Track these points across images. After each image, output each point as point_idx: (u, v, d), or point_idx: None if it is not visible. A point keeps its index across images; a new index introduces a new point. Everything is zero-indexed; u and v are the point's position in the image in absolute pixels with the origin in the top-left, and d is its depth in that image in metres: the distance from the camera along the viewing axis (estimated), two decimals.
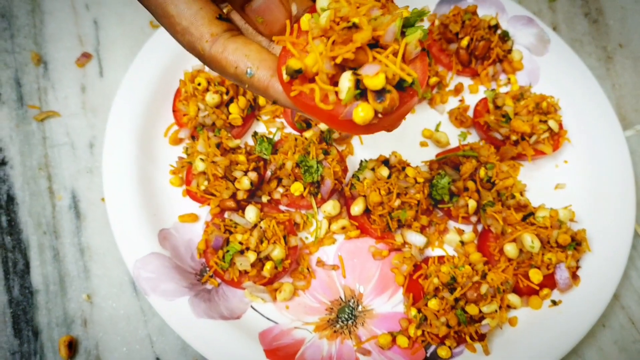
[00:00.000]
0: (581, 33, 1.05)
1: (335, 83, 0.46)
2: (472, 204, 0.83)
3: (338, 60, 0.45)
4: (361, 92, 0.45)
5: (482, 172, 0.83)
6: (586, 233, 0.82)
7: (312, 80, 0.46)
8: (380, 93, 0.45)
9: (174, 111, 0.89)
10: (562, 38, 1.00)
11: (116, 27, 0.98)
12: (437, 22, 0.98)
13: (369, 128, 0.47)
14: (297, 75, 0.46)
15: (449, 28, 0.95)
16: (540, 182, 0.90)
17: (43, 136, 0.89)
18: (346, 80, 0.45)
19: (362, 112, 0.45)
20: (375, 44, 0.47)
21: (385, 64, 0.45)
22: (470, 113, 0.94)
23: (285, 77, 0.46)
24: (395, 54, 0.46)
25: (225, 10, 0.53)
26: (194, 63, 0.89)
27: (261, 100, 0.91)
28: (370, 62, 0.46)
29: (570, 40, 1.04)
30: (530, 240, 0.78)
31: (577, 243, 0.80)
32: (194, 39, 0.50)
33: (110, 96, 0.90)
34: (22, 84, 0.92)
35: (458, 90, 0.96)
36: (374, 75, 0.44)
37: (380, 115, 0.46)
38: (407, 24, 0.47)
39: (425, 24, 1.00)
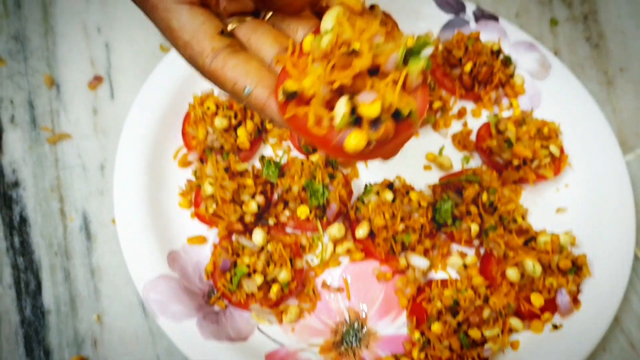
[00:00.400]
0: (582, 57, 1.07)
1: (332, 108, 0.46)
2: (474, 227, 0.84)
3: (335, 86, 0.45)
4: (356, 119, 0.45)
5: (484, 196, 0.84)
6: (587, 258, 0.83)
7: (309, 103, 0.46)
8: (375, 122, 0.45)
9: (183, 134, 0.91)
10: (564, 62, 1.02)
11: (127, 50, 1.00)
12: (440, 47, 1.00)
13: (362, 156, 0.46)
14: (293, 97, 0.46)
15: (452, 53, 0.97)
16: (542, 206, 0.91)
17: (55, 158, 0.91)
18: (342, 106, 0.44)
19: (354, 140, 0.44)
20: (376, 71, 0.46)
21: (383, 93, 0.45)
22: (473, 137, 0.96)
23: (280, 97, 0.46)
24: (395, 82, 0.46)
25: (229, 26, 0.53)
26: (204, 87, 0.91)
27: (268, 124, 0.93)
28: (368, 89, 0.45)
29: (572, 64, 1.06)
30: (531, 265, 0.79)
31: (577, 268, 0.82)
32: (195, 54, 0.50)
33: (121, 118, 0.92)
34: (35, 106, 0.94)
35: (461, 114, 0.97)
36: (370, 103, 0.44)
37: (373, 144, 0.45)
38: (411, 53, 0.47)
39: (430, 49, 1.02)
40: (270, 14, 0.54)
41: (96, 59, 0.99)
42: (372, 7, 0.98)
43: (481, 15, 1.02)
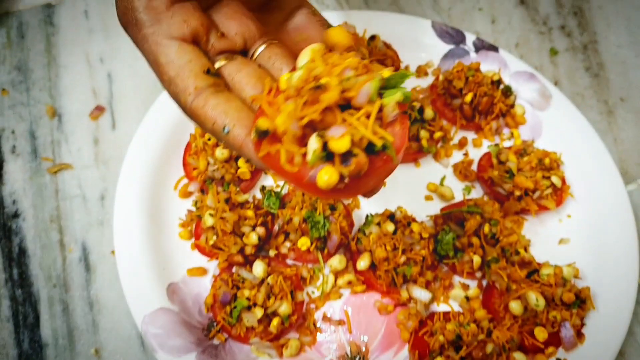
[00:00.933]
0: (582, 87, 1.07)
1: (306, 144, 0.45)
2: (476, 259, 0.84)
3: (304, 121, 0.44)
4: (328, 155, 0.44)
5: (486, 228, 0.84)
6: (590, 291, 0.82)
7: (282, 141, 0.45)
8: (346, 156, 0.43)
9: (184, 165, 0.91)
10: (564, 92, 1.02)
11: (129, 81, 1.01)
12: (441, 77, 1.00)
13: (336, 193, 0.45)
14: (265, 135, 0.45)
15: (452, 84, 0.97)
16: (544, 237, 0.91)
17: (55, 188, 0.91)
18: (313, 142, 0.44)
19: (325, 176, 0.43)
20: (348, 105, 0.45)
21: (354, 126, 0.44)
22: (474, 167, 0.96)
23: (253, 136, 0.46)
24: (368, 116, 0.45)
25: (217, 64, 0.53)
26: None
27: None
28: (339, 123, 0.44)
29: (572, 94, 1.06)
30: (535, 299, 0.78)
31: (581, 301, 0.81)
32: (179, 91, 0.50)
33: (122, 148, 0.92)
34: (36, 136, 0.95)
35: (462, 144, 0.97)
36: (339, 138, 0.43)
37: (346, 180, 0.44)
38: (388, 86, 0.46)
39: (430, 79, 1.03)
40: (259, 51, 0.55)
41: (98, 89, 0.99)
42: (373, 38, 0.99)
43: (481, 46, 1.03)
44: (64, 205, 0.90)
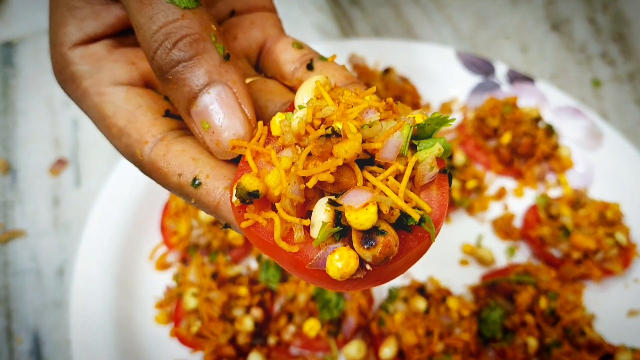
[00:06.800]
0: (633, 122, 0.92)
1: (308, 213, 0.33)
2: (532, 342, 0.67)
3: (310, 183, 0.32)
4: (342, 230, 0.32)
5: (542, 302, 0.67)
6: None
7: (275, 208, 0.33)
8: (369, 234, 0.31)
9: (161, 229, 0.76)
10: (614, 129, 0.86)
11: None
12: (470, 115, 0.84)
13: (352, 284, 0.32)
14: (252, 199, 0.32)
15: (485, 122, 0.82)
16: (610, 309, 0.74)
17: (4, 261, 0.75)
18: (322, 212, 0.31)
19: (339, 262, 0.30)
20: (370, 160, 0.33)
21: (381, 191, 0.31)
22: (517, 222, 0.79)
23: (234, 199, 0.33)
24: (398, 177, 0.32)
25: None
26: None
27: None
28: (359, 186, 0.32)
29: (622, 131, 0.90)
30: None
31: None
32: (132, 142, 0.38)
33: (87, 209, 0.77)
34: None
35: (500, 194, 0.81)
36: (361, 207, 0.31)
37: (368, 267, 0.31)
38: (422, 135, 0.34)
39: (457, 115, 0.87)
40: None
41: (61, 139, 0.84)
42: (387, 71, 0.84)
43: (514, 77, 0.88)
44: (14, 283, 0.74)
